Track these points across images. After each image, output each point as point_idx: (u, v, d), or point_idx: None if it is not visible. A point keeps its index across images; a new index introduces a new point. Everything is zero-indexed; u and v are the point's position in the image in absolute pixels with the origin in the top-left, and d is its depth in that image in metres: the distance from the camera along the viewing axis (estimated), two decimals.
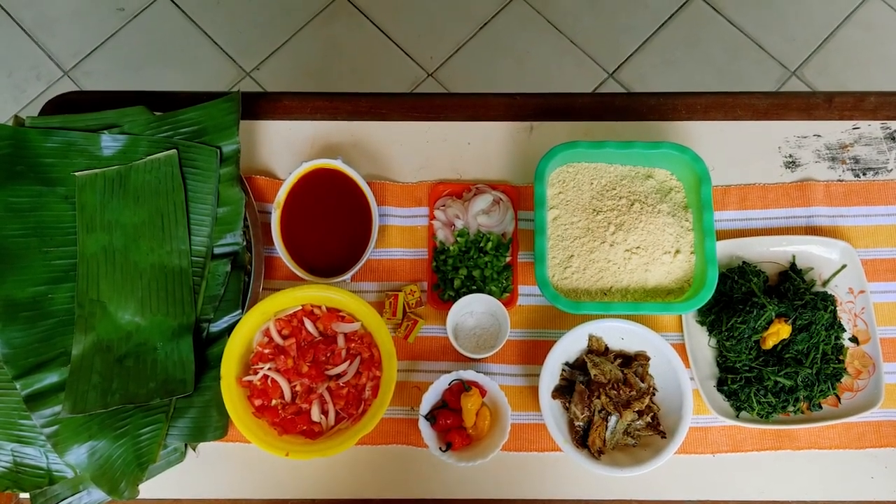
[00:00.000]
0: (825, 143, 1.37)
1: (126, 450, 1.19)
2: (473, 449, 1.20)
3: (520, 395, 1.26)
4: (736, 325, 1.22)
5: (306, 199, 1.29)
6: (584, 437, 1.20)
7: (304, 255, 1.28)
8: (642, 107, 1.40)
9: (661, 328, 1.28)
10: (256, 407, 1.19)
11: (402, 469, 1.24)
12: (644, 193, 1.27)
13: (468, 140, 1.38)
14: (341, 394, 1.19)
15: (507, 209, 1.30)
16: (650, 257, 1.23)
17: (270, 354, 1.21)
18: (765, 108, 1.40)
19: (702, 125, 1.39)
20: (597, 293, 1.23)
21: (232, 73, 2.54)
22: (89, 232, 1.26)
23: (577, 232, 1.25)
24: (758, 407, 1.21)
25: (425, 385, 1.21)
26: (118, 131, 1.30)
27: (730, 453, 1.24)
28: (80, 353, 1.21)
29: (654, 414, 1.20)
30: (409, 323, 1.27)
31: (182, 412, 1.23)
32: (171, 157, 1.28)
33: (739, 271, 1.26)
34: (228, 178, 1.28)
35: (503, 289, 1.27)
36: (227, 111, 1.31)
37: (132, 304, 1.24)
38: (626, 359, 1.24)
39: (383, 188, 1.34)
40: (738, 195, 1.34)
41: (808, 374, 1.20)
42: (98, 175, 1.28)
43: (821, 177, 1.36)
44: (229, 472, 1.25)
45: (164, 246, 1.26)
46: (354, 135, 1.38)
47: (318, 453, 1.14)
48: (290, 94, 1.42)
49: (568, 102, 1.41)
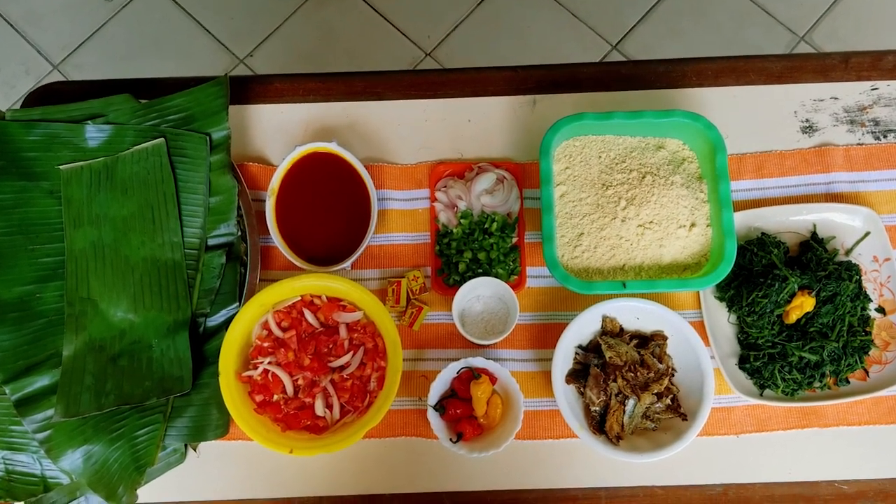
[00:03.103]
0: (843, 105, 1.35)
1: (123, 453, 1.17)
2: (485, 439, 1.19)
3: (532, 382, 1.24)
4: (757, 300, 1.19)
5: (301, 185, 1.27)
6: (601, 422, 1.18)
7: (302, 243, 1.26)
8: (650, 75, 1.37)
9: (678, 306, 1.26)
10: (258, 403, 1.17)
11: (411, 462, 1.23)
12: (656, 165, 1.25)
13: (469, 117, 1.36)
14: (345, 386, 1.17)
15: (512, 188, 1.28)
16: (664, 232, 1.21)
17: (270, 348, 1.19)
18: (778, 72, 1.37)
19: (713, 91, 1.36)
20: (609, 272, 1.21)
21: (225, 60, 2.53)
22: (77, 227, 1.24)
23: (586, 208, 1.23)
24: (782, 384, 1.19)
25: (433, 374, 1.19)
26: (103, 121, 1.28)
27: (754, 433, 1.22)
28: (71, 354, 1.19)
29: (673, 396, 1.18)
30: (414, 310, 1.25)
31: (180, 411, 1.21)
32: (158, 146, 1.26)
33: (758, 243, 1.24)
34: (219, 166, 1.26)
35: (510, 271, 1.25)
36: (215, 96, 1.29)
37: (124, 301, 1.21)
38: (643, 339, 1.21)
39: (381, 171, 1.32)
40: (753, 163, 1.32)
41: (835, 347, 1.18)
42: (84, 168, 1.26)
43: (840, 141, 1.33)
44: (232, 471, 1.23)
45: (156, 239, 1.24)
46: (349, 116, 1.36)
47: (323, 449, 1.12)
48: (281, 76, 1.40)
49: (572, 73, 1.38)
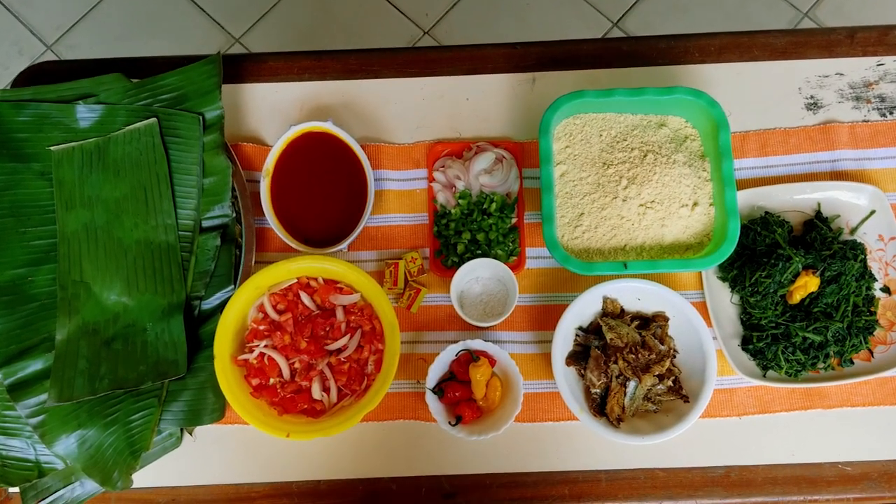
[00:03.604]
0: (848, 81, 1.32)
1: (117, 437, 1.16)
2: (485, 422, 1.18)
3: (532, 364, 1.23)
4: (760, 280, 1.18)
5: (297, 165, 1.25)
6: (601, 404, 1.17)
7: (297, 224, 1.25)
8: (651, 51, 1.35)
9: (679, 286, 1.25)
10: (254, 387, 1.16)
11: (410, 445, 1.21)
12: (657, 143, 1.23)
13: (467, 95, 1.34)
14: (343, 369, 1.16)
15: (511, 167, 1.26)
16: (666, 211, 1.19)
17: (266, 331, 1.18)
18: (783, 47, 1.35)
19: (716, 68, 1.34)
20: (610, 252, 1.19)
21: (220, 39, 2.51)
22: (69, 209, 1.22)
23: (586, 188, 1.21)
24: (786, 365, 1.17)
25: (431, 357, 1.18)
26: (94, 101, 1.26)
27: (757, 415, 1.21)
28: (64, 338, 1.17)
29: (675, 377, 1.17)
30: (412, 292, 1.23)
31: (175, 395, 1.20)
32: (151, 126, 1.24)
33: (762, 222, 1.22)
34: (213, 147, 1.25)
35: (510, 252, 1.24)
36: (208, 74, 1.27)
37: (118, 284, 1.20)
38: (644, 320, 1.20)
39: (378, 150, 1.30)
40: (757, 141, 1.30)
41: (839, 328, 1.16)
42: (75, 148, 1.24)
43: (845, 118, 1.31)
44: (229, 455, 1.21)
45: (149, 221, 1.22)
46: (345, 95, 1.34)
47: (320, 433, 1.11)
48: (276, 54, 1.37)
49: (572, 50, 1.36)
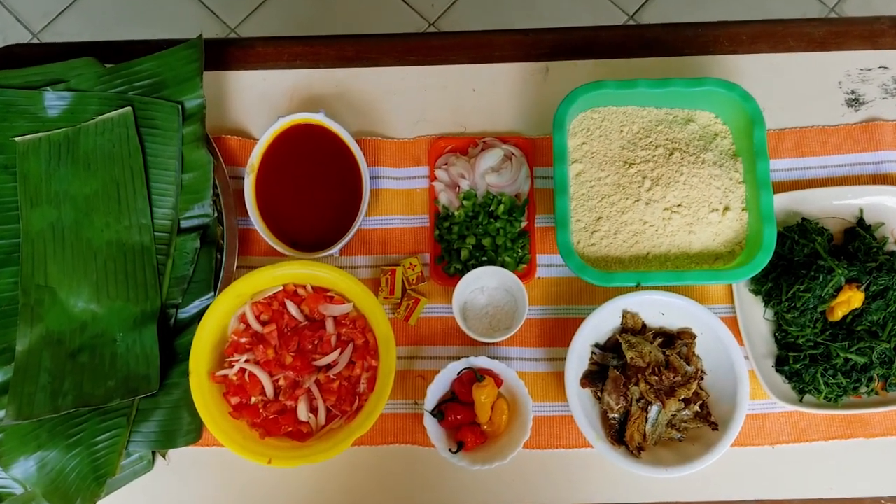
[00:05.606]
0: (893, 75, 1.27)
1: (81, 461, 1.12)
2: (489, 448, 1.13)
3: (542, 384, 1.19)
4: (798, 294, 1.12)
5: (285, 160, 1.21)
6: (620, 431, 1.12)
7: (285, 226, 1.21)
8: (677, 40, 1.30)
9: (708, 300, 1.21)
10: (234, 406, 1.11)
11: (406, 474, 1.17)
12: (684, 141, 1.18)
13: (473, 86, 1.29)
14: (332, 388, 1.12)
15: (521, 165, 1.22)
16: (694, 216, 1.15)
17: (248, 344, 1.13)
18: (821, 37, 1.29)
19: (748, 59, 1.29)
20: (631, 261, 1.15)
21: (215, 29, 2.50)
22: (34, 206, 1.18)
23: (605, 189, 1.17)
24: (825, 389, 1.12)
25: (431, 375, 1.14)
26: (64, 87, 1.22)
27: (792, 444, 1.17)
28: (25, 349, 1.13)
29: (702, 402, 1.13)
30: (410, 302, 1.19)
31: (146, 415, 1.15)
32: (125, 115, 1.20)
33: (799, 230, 1.17)
34: (193, 139, 1.20)
35: (519, 259, 1.20)
36: (188, 60, 1.23)
37: (86, 290, 1.16)
38: (668, 337, 1.16)
39: (375, 145, 1.26)
40: (793, 140, 1.25)
41: (886, 348, 1.11)
42: (42, 139, 1.20)
43: (889, 115, 1.26)
44: (205, 481, 1.17)
45: (122, 220, 1.18)
46: (339, 84, 1.29)
47: (306, 459, 1.06)
48: (264, 39, 1.33)
49: (590, 37, 1.31)
